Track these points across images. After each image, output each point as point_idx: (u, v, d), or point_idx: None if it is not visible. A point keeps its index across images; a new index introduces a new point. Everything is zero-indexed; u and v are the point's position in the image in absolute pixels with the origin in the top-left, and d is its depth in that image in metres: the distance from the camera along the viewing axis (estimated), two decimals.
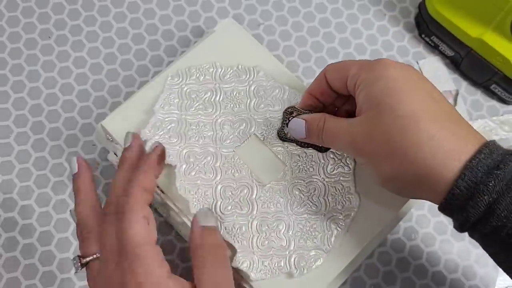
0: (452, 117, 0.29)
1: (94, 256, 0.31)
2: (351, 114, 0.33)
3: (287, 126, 0.36)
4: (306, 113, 0.36)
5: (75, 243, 0.41)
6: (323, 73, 0.34)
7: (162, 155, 0.35)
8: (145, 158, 0.33)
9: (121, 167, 0.33)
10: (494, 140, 0.28)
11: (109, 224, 0.31)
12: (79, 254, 0.31)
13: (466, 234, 0.30)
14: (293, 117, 0.36)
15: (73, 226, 0.41)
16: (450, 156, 0.27)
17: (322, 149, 0.37)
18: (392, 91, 0.29)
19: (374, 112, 0.29)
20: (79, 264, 0.31)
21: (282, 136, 0.37)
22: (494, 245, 0.28)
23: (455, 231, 0.41)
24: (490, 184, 0.26)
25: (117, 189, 0.32)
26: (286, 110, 0.37)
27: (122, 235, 0.29)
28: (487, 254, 0.30)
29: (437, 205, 0.29)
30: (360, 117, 0.31)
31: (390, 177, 0.30)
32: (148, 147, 0.35)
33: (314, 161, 0.37)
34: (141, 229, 0.30)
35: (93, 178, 0.34)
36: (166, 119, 0.37)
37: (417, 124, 0.28)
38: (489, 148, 0.27)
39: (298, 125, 0.35)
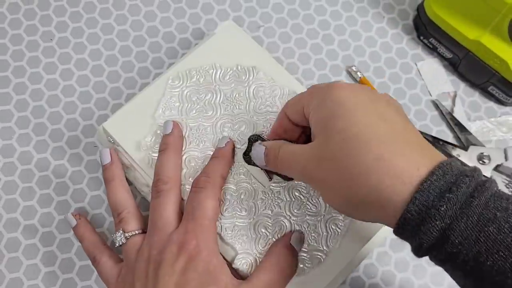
0: (405, 137, 0.27)
1: (137, 231, 0.35)
2: None
3: (251, 152, 0.35)
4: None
5: (76, 244, 0.41)
6: (283, 111, 0.33)
7: (233, 149, 0.37)
8: (221, 150, 0.36)
9: (165, 151, 0.36)
10: (451, 160, 0.26)
11: (165, 198, 0.34)
12: (123, 229, 0.35)
13: None
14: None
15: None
16: (400, 179, 0.25)
17: (286, 178, 0.36)
18: (338, 113, 0.28)
19: (323, 136, 0.28)
20: (124, 237, 0.34)
21: (247, 160, 0.36)
22: (453, 271, 0.27)
23: None
24: (442, 208, 0.24)
25: (166, 170, 0.35)
26: (250, 137, 0.36)
27: (197, 204, 0.33)
28: None
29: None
30: (311, 143, 0.30)
31: (339, 204, 0.29)
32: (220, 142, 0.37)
33: None
34: (213, 206, 0.34)
35: (122, 167, 0.39)
36: None
37: (363, 145, 0.26)
38: (442, 169, 0.25)
39: (259, 152, 0.33)
